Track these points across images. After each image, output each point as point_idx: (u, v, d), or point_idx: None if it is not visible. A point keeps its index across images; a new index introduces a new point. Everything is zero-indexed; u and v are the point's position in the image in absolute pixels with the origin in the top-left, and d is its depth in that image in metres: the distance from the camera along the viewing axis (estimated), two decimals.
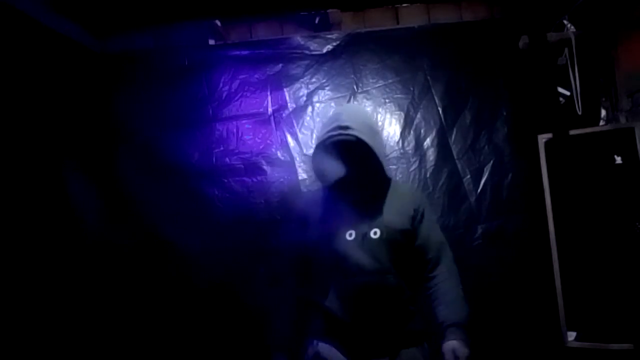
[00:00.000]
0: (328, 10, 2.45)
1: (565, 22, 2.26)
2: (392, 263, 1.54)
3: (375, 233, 1.53)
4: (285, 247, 1.70)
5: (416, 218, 1.63)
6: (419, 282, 1.62)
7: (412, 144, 2.34)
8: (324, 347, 1.52)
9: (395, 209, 1.61)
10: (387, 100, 2.38)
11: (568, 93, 2.27)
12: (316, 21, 2.50)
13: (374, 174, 1.63)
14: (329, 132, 1.59)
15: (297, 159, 2.31)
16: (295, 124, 2.36)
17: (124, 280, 2.21)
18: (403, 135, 2.35)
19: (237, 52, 2.41)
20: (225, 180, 2.29)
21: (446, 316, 1.54)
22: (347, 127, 1.56)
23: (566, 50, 2.25)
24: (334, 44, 2.40)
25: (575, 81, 2.21)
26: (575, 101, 2.22)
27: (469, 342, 1.51)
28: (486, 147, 2.34)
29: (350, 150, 1.59)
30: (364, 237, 1.53)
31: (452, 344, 1.49)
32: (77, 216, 2.24)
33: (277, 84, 2.38)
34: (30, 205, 2.19)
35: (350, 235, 1.53)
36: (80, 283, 2.19)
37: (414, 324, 1.55)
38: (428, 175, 2.31)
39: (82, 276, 2.20)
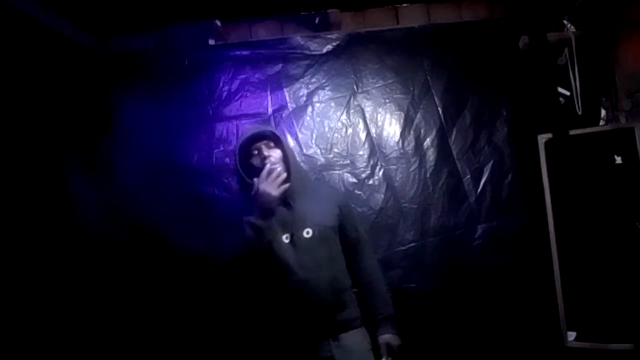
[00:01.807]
0: (328, 10, 2.44)
1: (565, 22, 2.26)
2: (327, 259, 1.70)
3: (307, 233, 1.68)
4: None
5: (340, 215, 1.80)
6: (350, 274, 1.80)
7: (412, 144, 2.34)
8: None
9: (322, 208, 1.76)
10: (387, 100, 2.38)
11: (568, 93, 2.27)
12: (316, 21, 2.50)
13: (296, 174, 1.77)
14: (242, 137, 1.78)
15: (297, 159, 2.31)
16: (295, 124, 2.36)
17: (124, 280, 2.21)
18: (403, 135, 2.35)
19: (237, 52, 2.41)
20: (225, 180, 2.29)
21: (378, 309, 1.78)
22: (259, 127, 1.82)
23: (566, 50, 2.25)
24: (334, 44, 2.40)
25: (575, 81, 2.21)
26: (575, 101, 2.21)
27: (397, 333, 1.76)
28: (486, 147, 2.34)
29: (268, 147, 1.76)
30: (298, 238, 1.68)
31: (386, 338, 1.74)
32: (77, 215, 2.24)
33: (277, 84, 2.38)
34: (30, 205, 2.19)
35: (287, 238, 1.68)
36: (79, 283, 2.19)
37: (348, 313, 1.71)
38: (428, 175, 2.31)
39: (81, 275, 2.20)
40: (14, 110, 2.22)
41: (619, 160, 2.05)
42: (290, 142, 2.33)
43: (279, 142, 1.77)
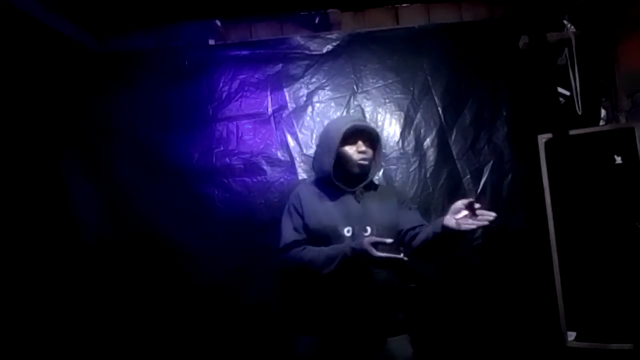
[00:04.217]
0: (328, 10, 2.45)
1: (565, 22, 2.26)
2: None
3: (366, 230, 1.67)
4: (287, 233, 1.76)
5: (400, 208, 1.80)
6: (407, 276, 1.79)
7: (412, 144, 2.34)
8: (312, 341, 1.63)
9: (384, 207, 1.75)
10: (387, 100, 2.38)
11: (568, 93, 2.27)
12: (316, 21, 2.50)
13: (372, 175, 1.81)
14: (347, 123, 1.75)
15: (297, 159, 2.31)
16: (295, 124, 2.36)
17: (123, 280, 2.21)
18: (403, 135, 2.35)
19: (237, 52, 2.41)
20: (225, 180, 2.29)
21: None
22: (364, 120, 1.90)
23: (566, 50, 2.25)
24: (334, 44, 2.40)
25: (575, 81, 2.21)
26: (575, 101, 2.22)
27: None
28: (486, 147, 2.34)
29: (366, 144, 1.77)
30: (358, 233, 1.66)
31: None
32: (76, 216, 2.24)
33: (277, 84, 2.38)
34: (30, 205, 2.19)
35: (348, 231, 1.66)
36: (79, 283, 2.19)
37: (400, 315, 1.70)
38: (428, 175, 2.31)
39: (81, 276, 2.20)
40: (12, 109, 2.22)
41: (619, 160, 2.05)
42: (291, 142, 2.33)
43: (375, 143, 1.81)
